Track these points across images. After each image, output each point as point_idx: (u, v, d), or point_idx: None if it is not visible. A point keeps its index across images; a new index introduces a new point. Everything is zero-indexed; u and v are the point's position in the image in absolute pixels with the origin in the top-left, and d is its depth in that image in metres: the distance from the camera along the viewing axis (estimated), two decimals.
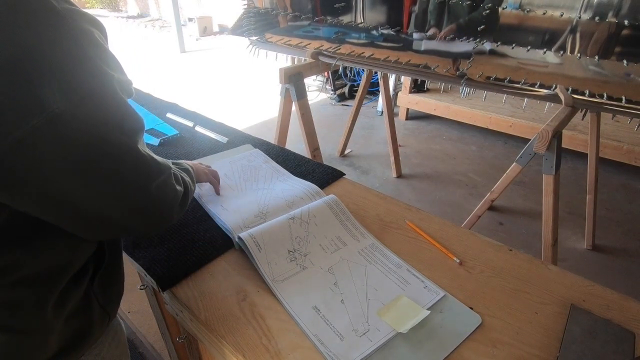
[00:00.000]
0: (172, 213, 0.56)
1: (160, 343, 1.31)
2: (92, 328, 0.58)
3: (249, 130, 1.33)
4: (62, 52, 0.39)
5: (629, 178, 2.70)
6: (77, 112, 0.40)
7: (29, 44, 0.37)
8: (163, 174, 0.53)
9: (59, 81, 0.38)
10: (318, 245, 0.79)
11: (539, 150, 1.26)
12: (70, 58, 0.39)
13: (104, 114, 0.43)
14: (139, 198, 0.49)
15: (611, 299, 0.69)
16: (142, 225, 0.52)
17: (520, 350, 0.60)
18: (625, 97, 1.16)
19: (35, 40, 0.37)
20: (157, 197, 0.51)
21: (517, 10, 1.24)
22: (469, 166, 2.86)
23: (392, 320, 0.64)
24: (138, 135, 0.48)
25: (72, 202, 0.44)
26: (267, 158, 1.12)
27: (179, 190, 0.58)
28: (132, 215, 0.50)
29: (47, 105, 0.37)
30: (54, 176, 0.41)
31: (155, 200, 0.51)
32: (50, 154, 0.39)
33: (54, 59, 0.38)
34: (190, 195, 0.65)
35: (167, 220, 0.56)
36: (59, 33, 0.39)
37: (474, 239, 0.84)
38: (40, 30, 0.38)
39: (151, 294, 0.87)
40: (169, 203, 0.54)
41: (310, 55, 1.74)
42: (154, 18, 9.34)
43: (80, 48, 0.40)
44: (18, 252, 0.46)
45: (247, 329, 0.63)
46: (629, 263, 1.97)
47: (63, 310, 0.53)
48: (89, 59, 0.41)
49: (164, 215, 0.54)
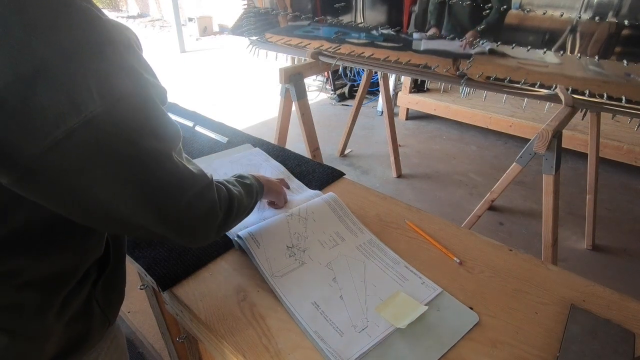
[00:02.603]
0: (209, 226, 0.55)
1: (160, 343, 1.31)
2: (91, 333, 0.57)
3: (249, 130, 1.33)
4: (99, 54, 0.39)
5: (629, 178, 2.70)
6: (113, 114, 0.39)
7: (65, 45, 0.36)
8: (197, 185, 0.51)
9: (96, 82, 0.38)
10: (316, 240, 0.79)
11: (539, 150, 1.26)
12: (106, 60, 0.39)
13: (138, 117, 0.42)
14: (169, 208, 0.48)
15: (611, 299, 0.69)
16: (176, 235, 0.51)
17: (520, 350, 0.60)
18: (625, 97, 1.16)
19: (72, 42, 0.37)
20: (189, 209, 0.50)
21: (517, 10, 1.24)
22: (469, 166, 2.86)
23: (391, 316, 0.64)
24: (173, 143, 0.47)
25: (103, 205, 0.43)
26: (267, 157, 1.12)
27: (220, 204, 0.56)
28: (163, 224, 0.48)
29: (84, 107, 0.37)
30: (88, 178, 0.41)
31: (186, 211, 0.49)
32: (86, 156, 0.39)
33: (90, 60, 0.38)
34: (241, 211, 0.64)
35: (203, 232, 0.55)
36: (95, 35, 0.39)
37: (474, 239, 0.84)
38: (77, 32, 0.37)
39: (151, 294, 0.87)
40: (202, 216, 0.52)
41: (310, 55, 1.74)
42: (154, 18, 9.34)
43: (117, 51, 0.40)
44: (26, 257, 0.46)
45: (247, 329, 0.63)
46: (629, 263, 1.97)
47: (64, 314, 0.52)
48: (125, 62, 0.41)
49: (198, 228, 0.53)
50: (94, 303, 0.57)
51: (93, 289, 0.57)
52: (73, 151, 0.38)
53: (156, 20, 9.05)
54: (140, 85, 0.42)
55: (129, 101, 0.41)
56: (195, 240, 0.55)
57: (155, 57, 6.04)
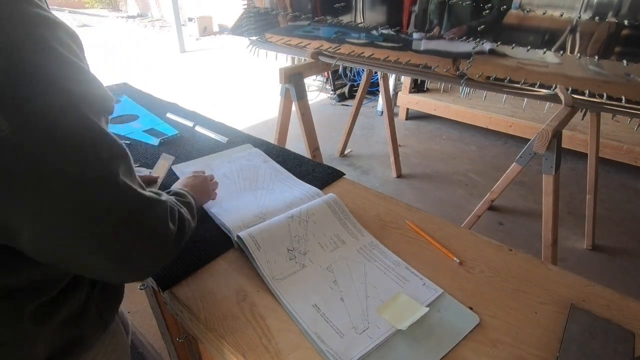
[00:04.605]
0: (159, 256, 0.49)
1: (160, 343, 1.32)
2: (85, 336, 0.56)
3: (249, 130, 1.33)
4: (16, 64, 0.34)
5: (629, 178, 2.70)
6: (26, 135, 0.35)
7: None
8: (147, 207, 0.45)
9: (8, 99, 0.34)
10: (317, 243, 0.79)
11: (539, 150, 1.26)
12: (22, 72, 0.35)
13: (58, 137, 0.37)
14: (107, 235, 0.42)
15: (611, 298, 0.69)
16: (117, 269, 0.45)
17: (520, 350, 0.60)
18: (625, 97, 1.16)
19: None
20: (136, 236, 0.44)
21: (517, 10, 1.24)
22: (469, 166, 2.86)
23: (392, 318, 0.64)
24: (112, 162, 0.42)
25: (20, 235, 0.39)
26: (266, 157, 1.12)
27: (172, 229, 0.51)
28: (107, 262, 0.43)
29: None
30: (6, 205, 0.37)
31: (136, 238, 0.44)
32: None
33: (5, 72, 0.34)
34: (187, 234, 0.58)
35: (152, 263, 0.49)
36: (17, 42, 0.35)
37: (473, 239, 0.84)
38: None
39: (151, 294, 0.87)
40: (155, 242, 0.47)
41: (310, 55, 1.74)
42: (154, 18, 9.34)
43: (38, 62, 0.36)
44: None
45: (247, 329, 0.63)
46: (629, 263, 1.97)
47: (53, 318, 0.51)
48: (47, 75, 0.36)
49: (147, 259, 0.47)
50: (91, 306, 0.56)
51: (91, 289, 0.56)
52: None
53: (156, 20, 9.05)
54: (63, 101, 0.37)
55: (45, 120, 0.36)
56: (137, 272, 0.49)
57: (155, 57, 6.04)
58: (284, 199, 0.92)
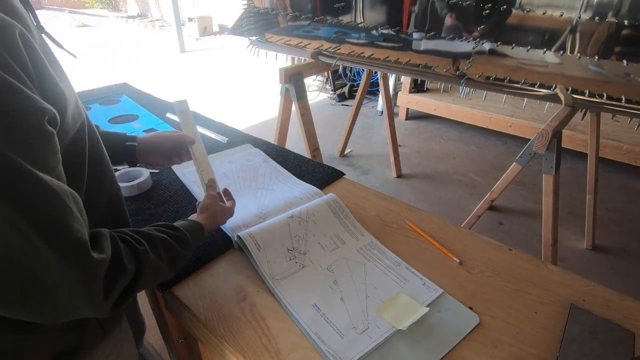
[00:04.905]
0: (100, 306, 0.44)
1: (160, 343, 1.31)
2: (82, 345, 0.55)
3: (249, 130, 1.33)
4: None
5: (629, 178, 2.70)
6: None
7: None
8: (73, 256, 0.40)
9: None
10: (317, 243, 0.79)
11: (539, 150, 1.26)
12: None
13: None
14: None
15: (611, 298, 0.69)
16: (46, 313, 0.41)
17: (520, 350, 0.60)
18: (625, 97, 1.16)
19: None
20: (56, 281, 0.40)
21: (517, 10, 1.24)
22: (469, 166, 2.86)
23: (392, 318, 0.64)
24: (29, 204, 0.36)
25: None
26: (266, 157, 1.12)
27: (125, 271, 0.45)
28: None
29: None
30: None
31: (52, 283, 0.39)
32: None
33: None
34: (160, 273, 0.53)
35: (87, 305, 0.43)
36: None
37: (473, 239, 0.84)
38: None
39: (151, 294, 0.87)
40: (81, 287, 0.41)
41: (310, 55, 1.74)
42: (154, 18, 9.34)
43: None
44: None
45: (247, 329, 0.63)
46: (629, 263, 1.97)
47: (52, 326, 0.50)
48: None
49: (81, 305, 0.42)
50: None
51: None
52: None
53: (156, 20, 9.06)
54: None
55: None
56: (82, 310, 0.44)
57: (155, 57, 6.04)
58: (284, 199, 0.92)
